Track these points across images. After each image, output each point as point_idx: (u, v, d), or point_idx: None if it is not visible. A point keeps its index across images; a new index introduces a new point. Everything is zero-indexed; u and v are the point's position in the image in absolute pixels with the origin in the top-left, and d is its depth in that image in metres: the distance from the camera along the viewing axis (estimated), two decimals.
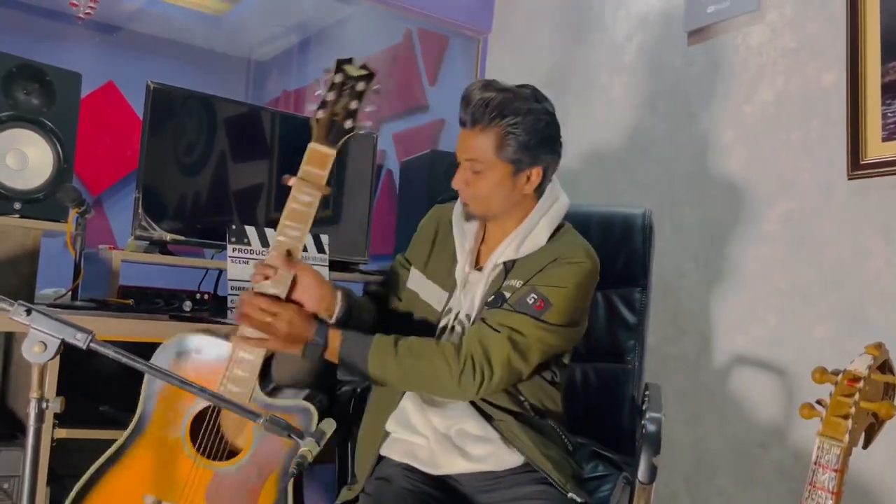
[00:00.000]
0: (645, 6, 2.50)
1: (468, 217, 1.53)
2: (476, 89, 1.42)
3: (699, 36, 2.30)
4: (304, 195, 1.35)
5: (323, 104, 1.39)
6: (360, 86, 1.39)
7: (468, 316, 1.46)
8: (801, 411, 1.04)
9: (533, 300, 1.38)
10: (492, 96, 1.39)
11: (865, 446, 1.06)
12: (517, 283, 1.43)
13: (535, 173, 1.45)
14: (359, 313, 1.46)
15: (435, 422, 1.42)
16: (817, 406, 1.03)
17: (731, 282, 2.14)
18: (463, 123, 1.44)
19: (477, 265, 1.51)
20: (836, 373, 1.05)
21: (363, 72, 1.40)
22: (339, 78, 1.39)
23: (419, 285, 1.55)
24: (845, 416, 1.00)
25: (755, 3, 2.12)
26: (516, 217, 1.48)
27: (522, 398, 1.45)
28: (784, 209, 2.03)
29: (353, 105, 1.39)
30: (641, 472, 1.41)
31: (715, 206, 2.21)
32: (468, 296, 1.48)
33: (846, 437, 1.00)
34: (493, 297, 1.44)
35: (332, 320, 1.39)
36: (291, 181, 1.36)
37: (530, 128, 1.40)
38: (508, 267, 1.46)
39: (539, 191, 1.49)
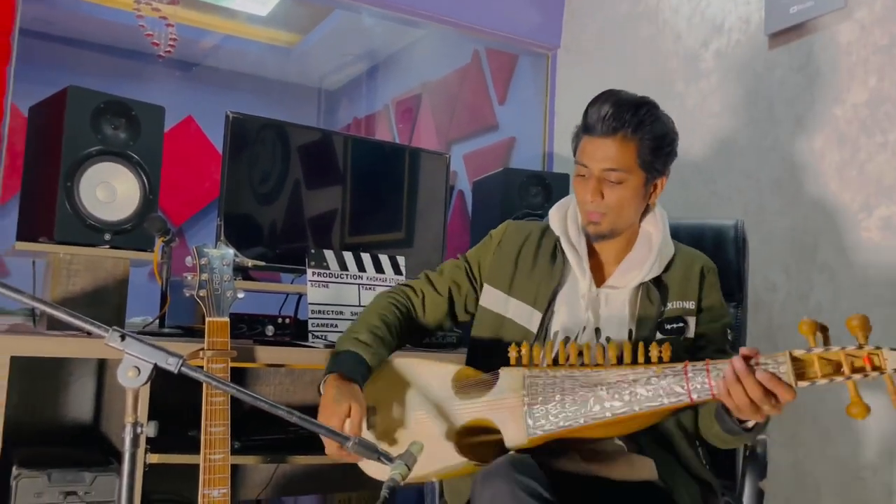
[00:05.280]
0: (721, 12, 2.42)
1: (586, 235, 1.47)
2: (609, 100, 1.38)
3: (782, 38, 2.21)
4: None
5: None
6: None
7: (609, 338, 1.41)
8: None
9: (731, 336, 1.47)
10: (629, 106, 1.37)
11: None
12: (688, 305, 1.43)
13: (661, 183, 1.44)
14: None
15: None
16: None
17: (827, 294, 2.03)
18: (594, 130, 1.38)
19: (597, 283, 1.46)
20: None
21: None
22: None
23: (504, 307, 1.49)
24: None
25: (842, 1, 2.02)
26: (628, 231, 1.46)
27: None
28: (884, 215, 1.91)
29: None
30: (747, 497, 1.33)
31: (806, 214, 2.10)
32: (606, 317, 1.43)
33: None
34: (672, 325, 1.41)
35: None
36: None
37: (665, 133, 1.40)
38: (654, 284, 1.43)
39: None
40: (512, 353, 1.29)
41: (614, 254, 1.47)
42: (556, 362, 1.26)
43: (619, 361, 1.20)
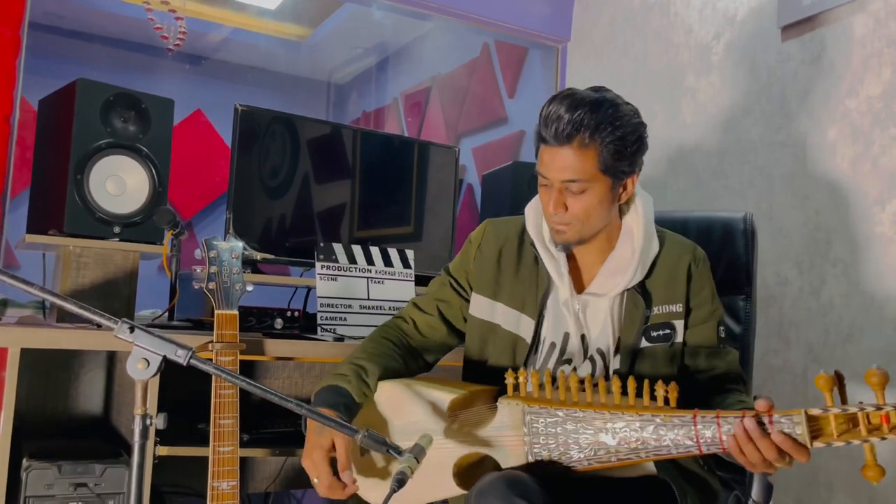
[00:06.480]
0: (734, 4, 2.40)
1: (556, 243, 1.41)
2: (562, 104, 1.29)
3: (795, 30, 2.19)
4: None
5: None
6: None
7: (600, 350, 1.37)
8: None
9: (723, 332, 1.41)
10: (584, 109, 1.27)
11: None
12: (675, 308, 1.38)
13: (632, 181, 1.36)
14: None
15: None
16: None
17: (839, 289, 2.01)
18: (548, 141, 1.30)
19: (577, 290, 1.41)
20: None
21: None
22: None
23: (491, 313, 1.45)
24: None
25: None
26: (606, 229, 1.39)
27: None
28: None
29: None
30: (756, 492, 1.32)
31: (818, 208, 2.08)
32: (590, 324, 1.38)
33: None
34: (658, 331, 1.36)
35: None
36: None
37: (627, 133, 1.29)
38: (639, 290, 1.37)
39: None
40: (509, 380, 1.24)
41: (595, 253, 1.41)
42: (553, 380, 1.23)
43: (624, 393, 1.17)
